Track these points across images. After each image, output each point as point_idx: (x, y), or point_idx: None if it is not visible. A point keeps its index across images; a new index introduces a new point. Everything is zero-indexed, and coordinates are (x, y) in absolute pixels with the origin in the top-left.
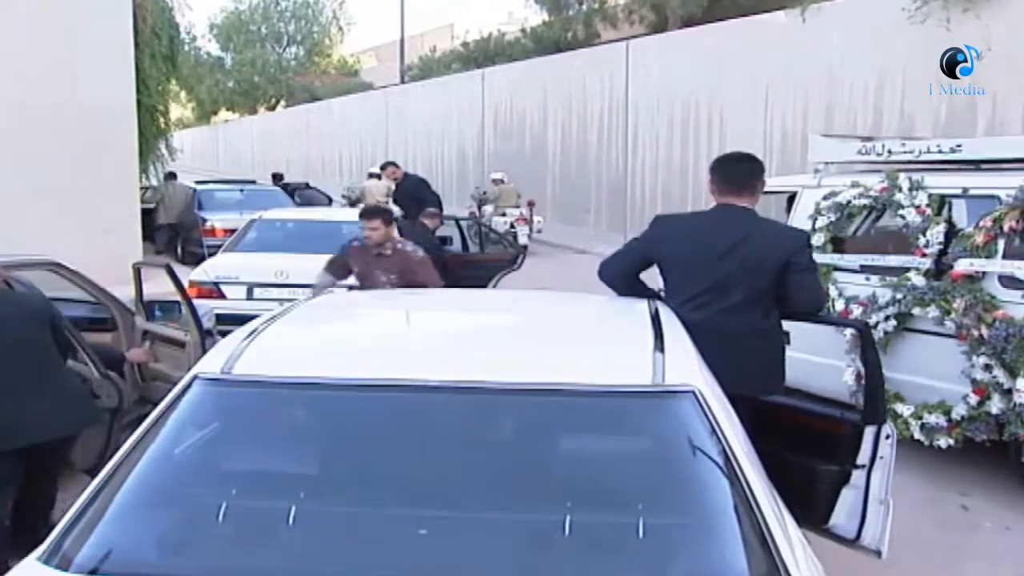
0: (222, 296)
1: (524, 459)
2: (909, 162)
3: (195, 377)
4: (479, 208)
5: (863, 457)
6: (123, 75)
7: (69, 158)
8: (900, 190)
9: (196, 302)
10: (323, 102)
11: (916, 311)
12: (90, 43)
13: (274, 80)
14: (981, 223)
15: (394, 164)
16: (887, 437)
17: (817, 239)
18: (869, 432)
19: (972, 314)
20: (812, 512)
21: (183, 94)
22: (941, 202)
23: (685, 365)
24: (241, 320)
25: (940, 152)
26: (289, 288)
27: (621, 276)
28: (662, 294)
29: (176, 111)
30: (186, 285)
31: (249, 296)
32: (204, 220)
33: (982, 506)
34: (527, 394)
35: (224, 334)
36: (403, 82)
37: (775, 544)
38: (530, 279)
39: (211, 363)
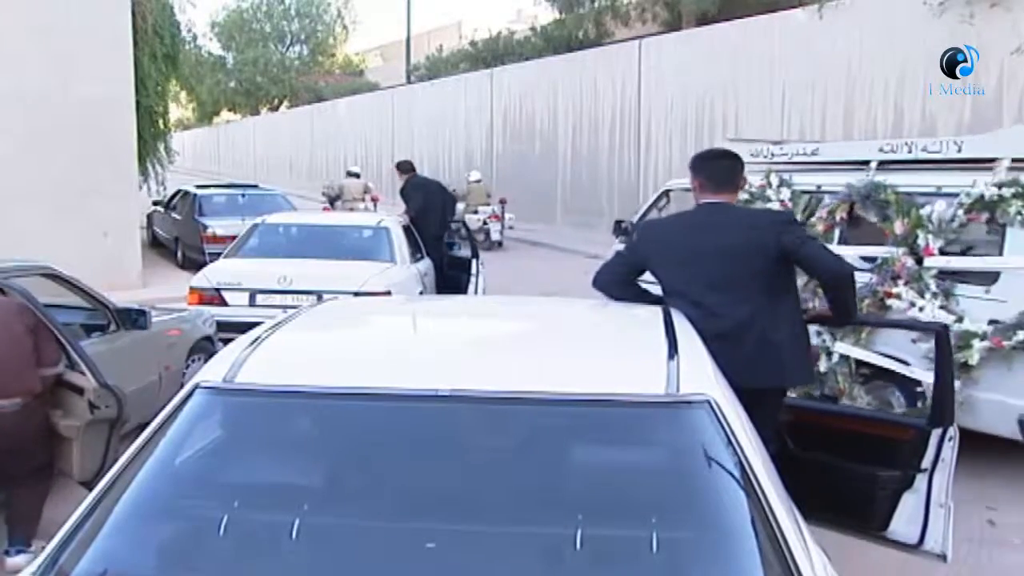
0: (224, 303)
1: (535, 471)
2: (786, 163)
3: (196, 386)
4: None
5: (926, 460)
6: (121, 72)
7: (65, 159)
8: (771, 187)
9: (196, 308)
10: (327, 102)
11: None
12: (87, 38)
13: (277, 80)
14: (819, 213)
15: (400, 166)
16: (950, 439)
17: None
18: (935, 435)
19: (808, 289)
20: (870, 519)
21: (183, 94)
22: (801, 197)
23: (700, 373)
24: (243, 327)
25: (804, 155)
26: (293, 295)
27: (615, 284)
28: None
29: (176, 111)
30: (187, 291)
31: (251, 303)
32: (205, 226)
33: (1010, 520)
34: (538, 404)
35: (226, 342)
36: (409, 82)
37: (793, 559)
38: (541, 284)
39: (213, 371)
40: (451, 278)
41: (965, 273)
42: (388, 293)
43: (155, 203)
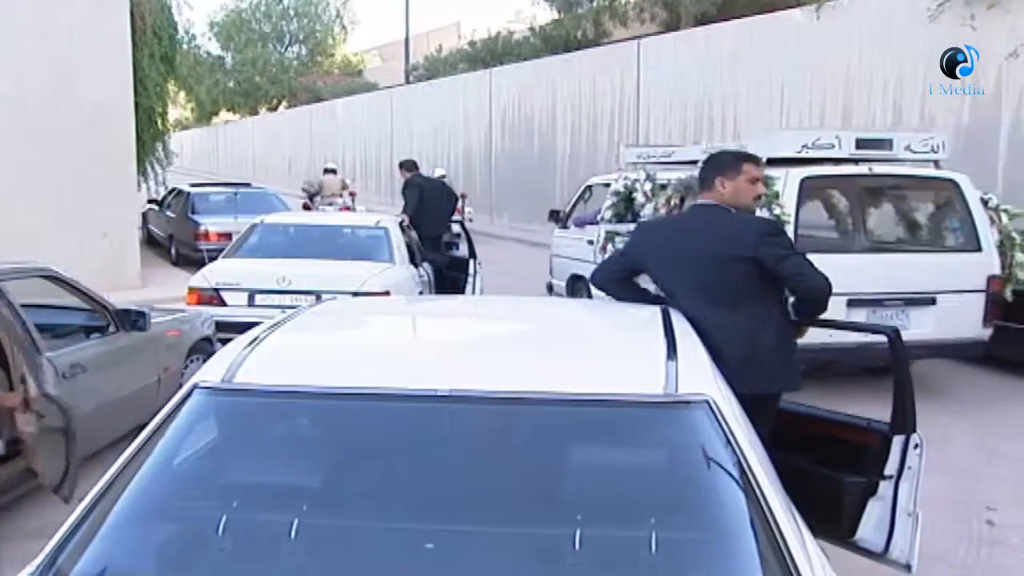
0: (222, 303)
1: (534, 471)
2: (655, 162)
3: (195, 386)
4: None
5: (891, 468)
6: (120, 73)
7: (64, 160)
8: (640, 180)
9: (196, 309)
10: (326, 103)
11: None
12: (86, 40)
13: (276, 80)
14: (662, 199)
15: (403, 165)
16: (915, 447)
17: (607, 214)
18: (897, 442)
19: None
20: (838, 525)
21: (182, 94)
22: (660, 188)
23: (699, 373)
24: (242, 328)
25: (666, 156)
26: (292, 295)
27: (612, 282)
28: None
29: (175, 112)
30: (186, 292)
31: (250, 303)
32: (198, 224)
33: (1009, 520)
34: (537, 404)
35: (225, 342)
36: (408, 82)
37: (793, 559)
38: (539, 285)
39: (211, 371)
40: (450, 278)
41: None
42: (387, 293)
43: (150, 201)
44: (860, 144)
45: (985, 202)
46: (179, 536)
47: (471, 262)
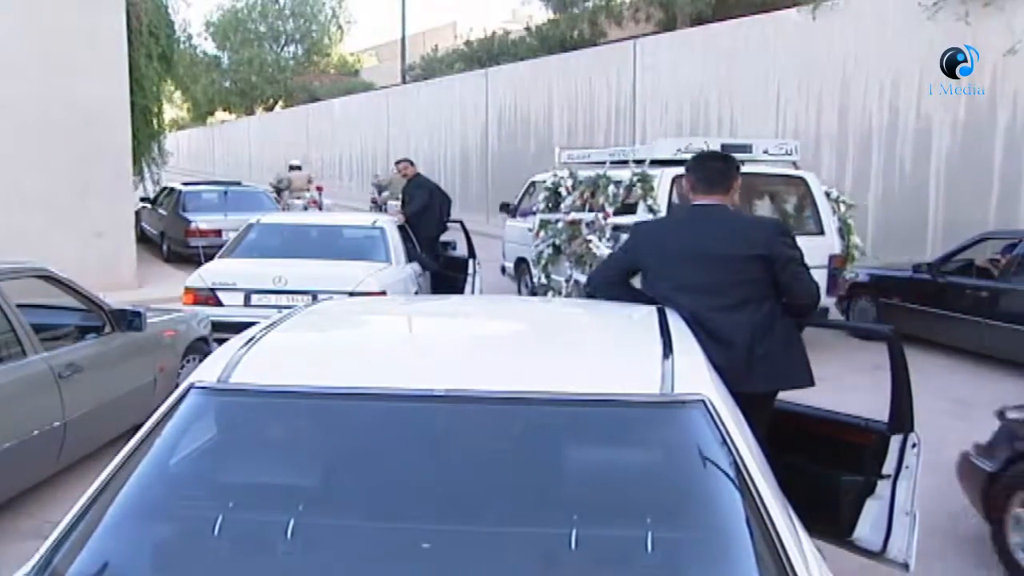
0: (219, 303)
1: (530, 471)
2: (578, 162)
3: (191, 386)
4: (379, 193)
5: (888, 467)
6: (116, 73)
7: (60, 159)
8: (564, 177)
9: (192, 309)
10: (323, 102)
11: (556, 241)
12: (82, 39)
13: (272, 80)
14: (576, 193)
15: (409, 162)
16: (913, 446)
17: (540, 206)
18: (895, 441)
19: (575, 243)
20: (836, 524)
21: (178, 94)
22: (579, 183)
23: (695, 373)
24: (238, 327)
25: (586, 157)
26: (288, 295)
27: (609, 284)
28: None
29: (171, 111)
30: (182, 291)
31: (247, 303)
32: (189, 221)
33: None
34: (532, 404)
35: (221, 342)
36: (405, 82)
37: (789, 560)
38: None
39: (207, 371)
40: (449, 278)
41: (625, 226)
42: (383, 293)
43: (142, 199)
44: (725, 148)
45: (828, 194)
46: (175, 536)
47: (471, 262)
